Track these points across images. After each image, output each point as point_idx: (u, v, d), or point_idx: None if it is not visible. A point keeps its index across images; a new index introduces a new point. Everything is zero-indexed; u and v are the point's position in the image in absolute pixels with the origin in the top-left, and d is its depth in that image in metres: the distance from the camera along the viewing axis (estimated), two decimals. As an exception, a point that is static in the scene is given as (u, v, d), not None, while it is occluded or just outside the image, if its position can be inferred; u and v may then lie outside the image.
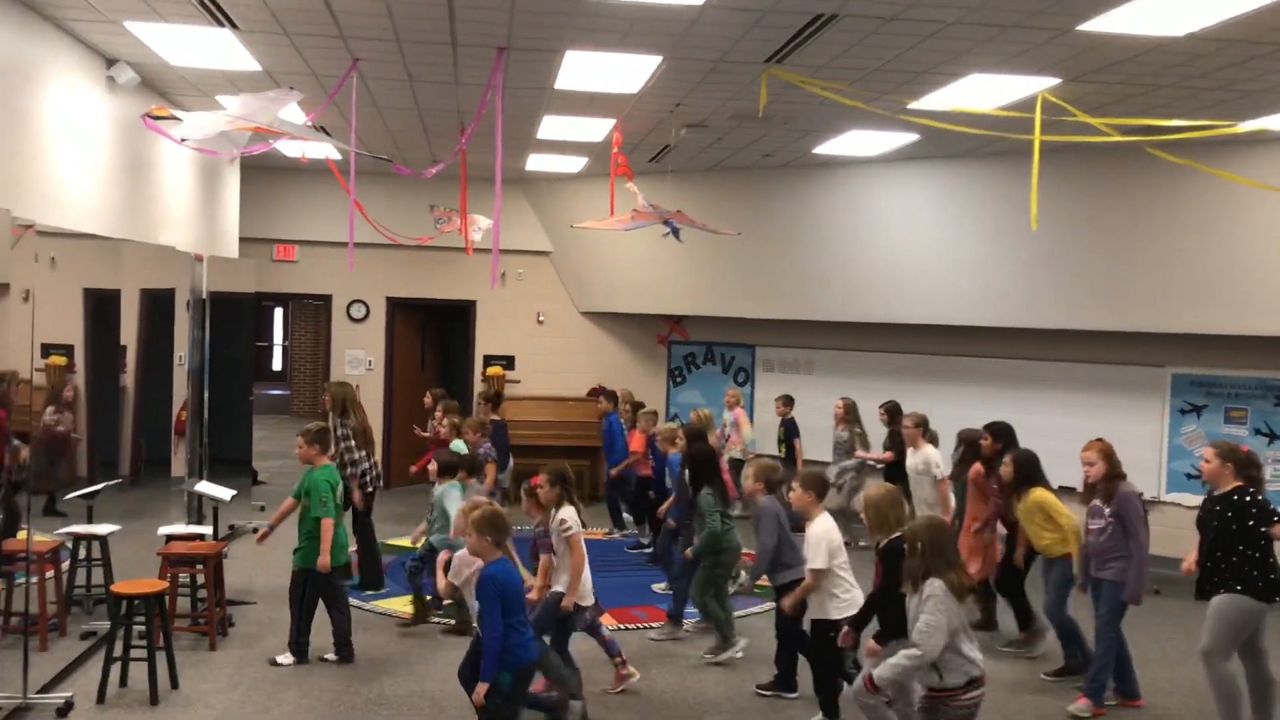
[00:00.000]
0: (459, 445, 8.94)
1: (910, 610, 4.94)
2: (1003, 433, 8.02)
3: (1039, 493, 7.25)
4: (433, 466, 8.08)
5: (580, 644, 6.76)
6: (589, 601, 6.47)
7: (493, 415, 10.76)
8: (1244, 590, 5.90)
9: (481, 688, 5.10)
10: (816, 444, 11.80)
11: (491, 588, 5.18)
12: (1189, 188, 9.30)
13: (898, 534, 5.46)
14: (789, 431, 11.81)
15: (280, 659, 7.19)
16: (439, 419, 9.79)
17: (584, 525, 6.52)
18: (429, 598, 8.12)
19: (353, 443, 8.74)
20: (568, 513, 6.41)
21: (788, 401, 11.92)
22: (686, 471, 7.90)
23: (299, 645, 7.25)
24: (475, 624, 5.60)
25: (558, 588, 6.34)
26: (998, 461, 7.78)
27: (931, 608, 4.75)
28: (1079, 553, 6.90)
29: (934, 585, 4.79)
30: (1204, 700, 6.85)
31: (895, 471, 9.78)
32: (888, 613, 5.45)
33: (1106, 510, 6.62)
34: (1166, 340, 10.42)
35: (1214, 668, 5.98)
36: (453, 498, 7.77)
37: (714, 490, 7.52)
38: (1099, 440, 6.80)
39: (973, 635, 4.93)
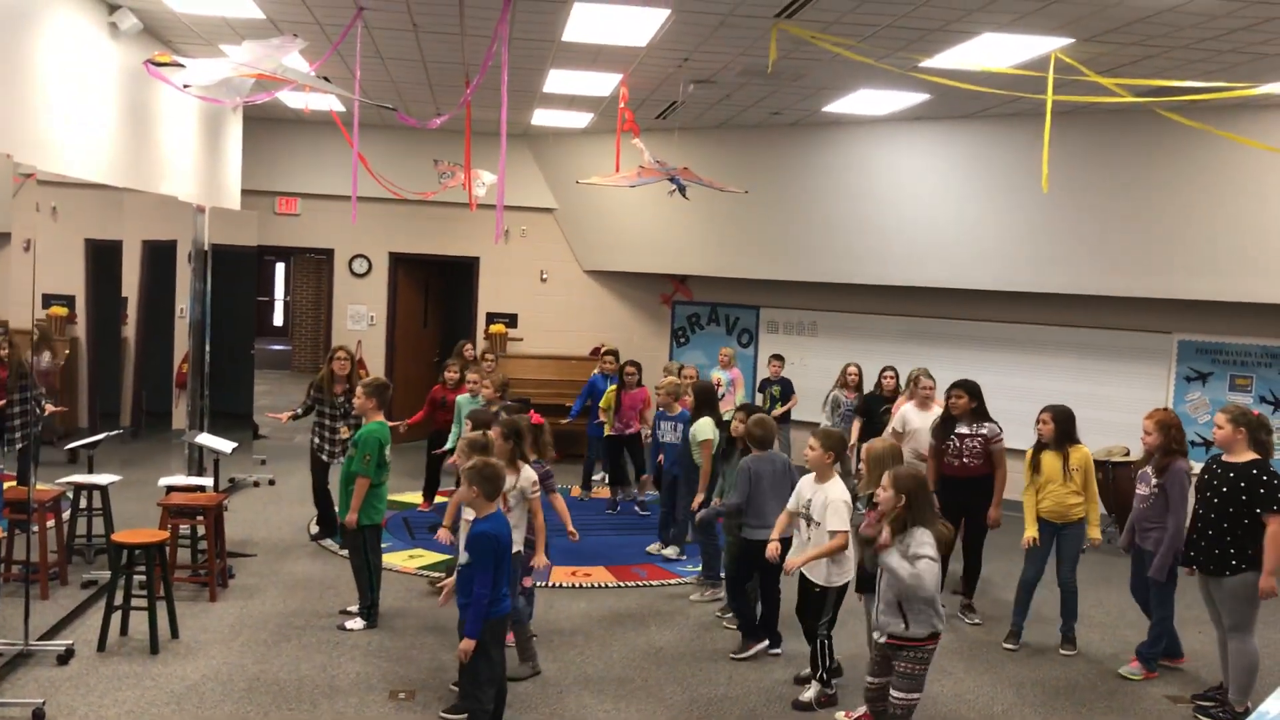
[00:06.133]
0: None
1: (888, 560, 4.96)
2: (976, 392, 7.84)
3: (1086, 451, 7.07)
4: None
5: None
6: (545, 561, 6.39)
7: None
8: (1250, 567, 5.90)
9: (468, 643, 5.01)
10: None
11: (487, 544, 5.07)
12: (1200, 153, 9.21)
13: None
14: (785, 390, 11.85)
15: (348, 625, 7.04)
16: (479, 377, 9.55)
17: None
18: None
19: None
20: (531, 473, 6.22)
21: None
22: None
23: (367, 609, 7.09)
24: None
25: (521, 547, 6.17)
26: (969, 419, 7.69)
27: (928, 551, 4.88)
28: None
29: (925, 534, 4.91)
30: (1203, 664, 6.92)
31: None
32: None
33: (1154, 480, 6.54)
34: (1174, 306, 10.36)
35: (1246, 643, 6.01)
36: None
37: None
38: (1162, 410, 6.71)
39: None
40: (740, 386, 11.99)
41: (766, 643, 6.86)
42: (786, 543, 6.25)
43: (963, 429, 7.71)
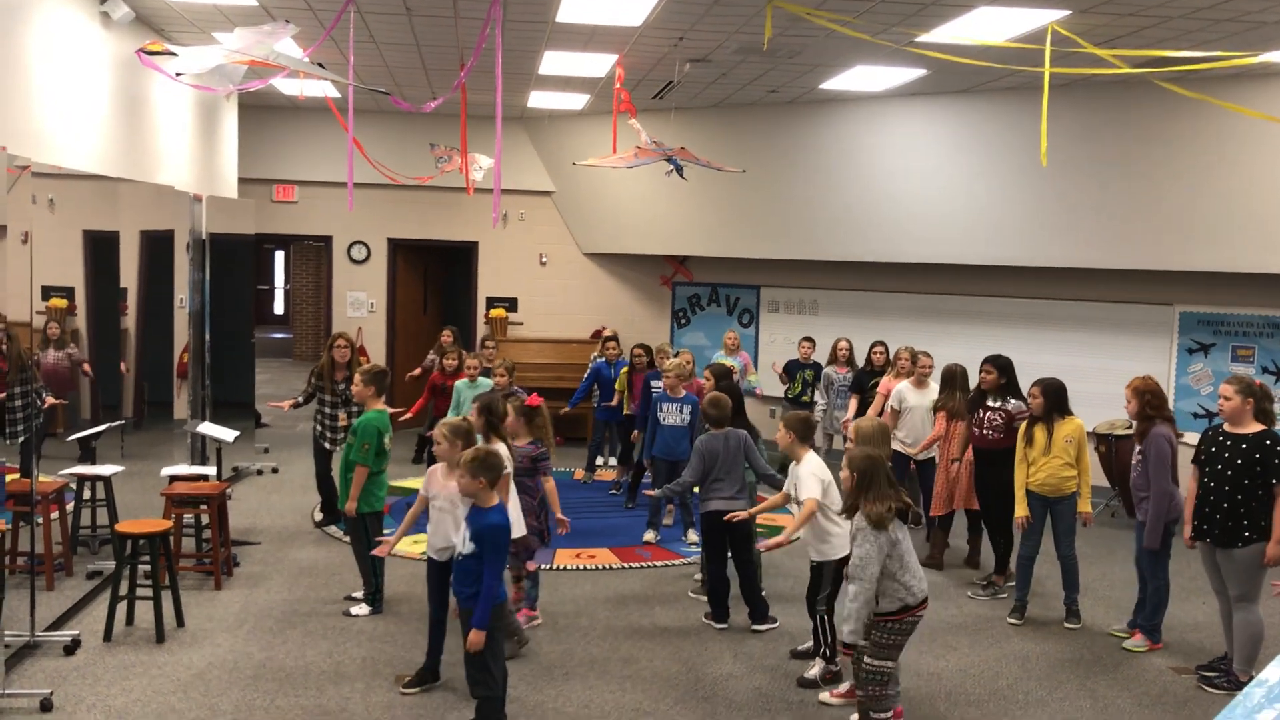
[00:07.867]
0: (486, 383, 9.00)
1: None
2: (1007, 368, 7.92)
3: (1079, 423, 7.07)
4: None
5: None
6: (519, 533, 6.31)
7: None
8: (1261, 538, 5.90)
9: (478, 635, 4.99)
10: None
11: (501, 537, 5.05)
12: (1199, 123, 9.17)
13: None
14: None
15: (354, 610, 7.05)
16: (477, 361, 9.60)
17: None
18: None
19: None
20: (501, 450, 6.10)
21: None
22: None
23: (372, 595, 7.10)
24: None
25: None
26: (998, 394, 7.77)
27: (861, 539, 4.99)
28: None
29: (859, 518, 5.02)
30: (1207, 634, 6.93)
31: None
32: None
33: (1138, 447, 6.57)
34: (1175, 278, 10.34)
35: (1251, 613, 6.02)
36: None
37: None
38: (1140, 377, 6.69)
39: (914, 563, 5.10)
40: (751, 370, 11.90)
41: (726, 625, 6.99)
42: (750, 521, 6.71)
43: (990, 403, 7.79)
